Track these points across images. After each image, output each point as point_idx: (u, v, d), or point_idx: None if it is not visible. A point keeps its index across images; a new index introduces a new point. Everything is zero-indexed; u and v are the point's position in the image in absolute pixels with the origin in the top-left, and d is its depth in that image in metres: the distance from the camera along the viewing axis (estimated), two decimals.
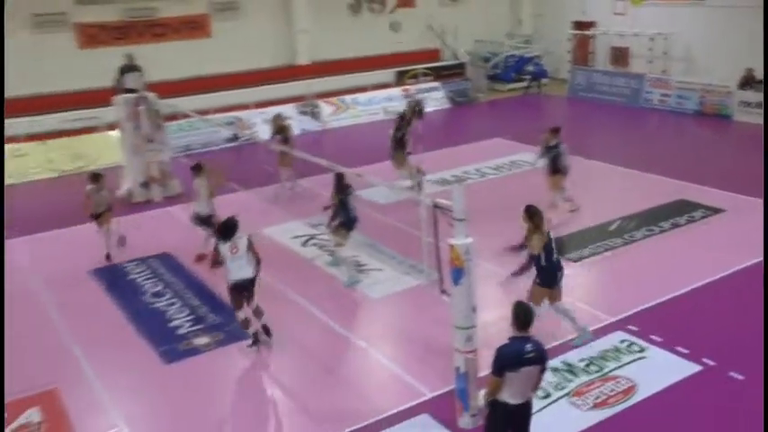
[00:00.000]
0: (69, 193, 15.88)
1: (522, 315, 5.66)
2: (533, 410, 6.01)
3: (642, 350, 8.18)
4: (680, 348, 8.13)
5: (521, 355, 5.52)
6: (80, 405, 7.71)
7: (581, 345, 8.33)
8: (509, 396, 5.64)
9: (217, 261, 8.66)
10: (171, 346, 8.88)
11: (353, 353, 8.65)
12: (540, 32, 27.12)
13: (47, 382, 8.11)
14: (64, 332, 9.36)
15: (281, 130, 14.47)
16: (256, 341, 8.63)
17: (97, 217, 11.59)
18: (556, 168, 12.39)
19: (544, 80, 25.27)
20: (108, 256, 11.70)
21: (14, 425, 7.43)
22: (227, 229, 8.47)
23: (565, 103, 23.48)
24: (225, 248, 8.34)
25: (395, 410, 7.28)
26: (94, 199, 11.55)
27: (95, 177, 11.81)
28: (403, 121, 13.99)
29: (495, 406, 5.73)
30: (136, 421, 7.40)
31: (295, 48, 23.46)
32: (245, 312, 8.49)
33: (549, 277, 8.21)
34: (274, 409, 7.69)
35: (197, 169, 11.48)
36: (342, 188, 10.35)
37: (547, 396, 7.37)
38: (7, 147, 17.47)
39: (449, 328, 6.81)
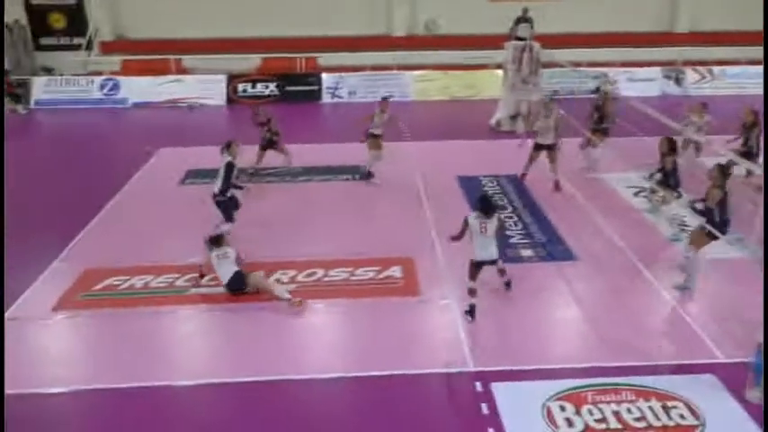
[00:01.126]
0: (453, 115, 16.99)
1: None
2: None
3: None
4: None
5: None
6: (427, 274, 8.43)
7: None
8: None
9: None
10: (502, 250, 9.07)
11: (656, 300, 7.90)
12: None
13: (410, 251, 8.99)
14: (427, 216, 10.22)
15: (600, 107, 12.27)
16: (472, 312, 7.31)
17: (374, 137, 11.41)
18: None
19: None
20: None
21: (384, 274, 8.42)
22: (484, 206, 7.25)
23: None
24: (475, 223, 7.17)
25: (682, 361, 6.57)
26: (378, 121, 11.37)
27: (384, 101, 11.67)
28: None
29: None
30: (463, 299, 7.62)
31: (676, 15, 20.90)
32: (475, 284, 7.35)
33: (717, 229, 7.56)
34: (572, 326, 7.51)
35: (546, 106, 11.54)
36: (670, 152, 9.27)
37: None
38: (419, 72, 19.16)
39: (759, 304, 5.78)
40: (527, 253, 9.03)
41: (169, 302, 7.83)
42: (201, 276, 8.20)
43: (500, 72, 16.57)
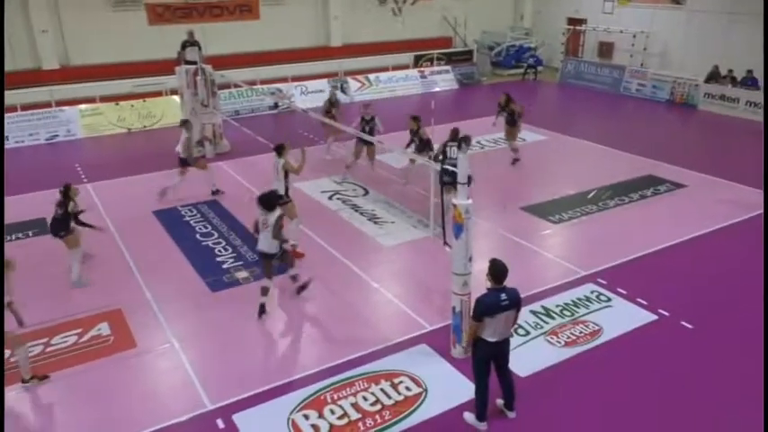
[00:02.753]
0: (135, 147, 15.91)
1: (497, 271, 5.64)
2: (514, 346, 5.99)
3: (609, 300, 8.10)
4: (640, 300, 8.04)
5: (497, 303, 5.57)
6: (140, 323, 7.74)
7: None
8: (488, 335, 5.65)
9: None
10: (216, 277, 8.89)
11: (367, 291, 8.61)
12: (539, 26, 26.45)
13: (114, 303, 8.14)
14: (129, 262, 9.38)
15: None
16: (262, 310, 7.81)
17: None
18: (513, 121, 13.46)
19: (540, 68, 24.67)
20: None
21: (88, 335, 7.47)
22: (263, 202, 7.61)
23: (556, 89, 22.95)
24: (259, 219, 7.62)
25: (399, 339, 7.28)
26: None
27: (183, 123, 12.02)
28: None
29: (477, 344, 5.75)
30: (185, 339, 7.43)
31: (329, 31, 23.05)
32: (270, 282, 7.86)
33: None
34: (299, 334, 7.71)
35: (279, 149, 9.26)
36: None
37: (527, 334, 7.34)
38: (85, 106, 17.39)
39: (448, 274, 6.74)
40: (242, 275, 8.95)
41: None
42: None
43: (177, 98, 16.04)
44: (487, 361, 5.81)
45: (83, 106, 17.35)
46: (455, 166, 9.87)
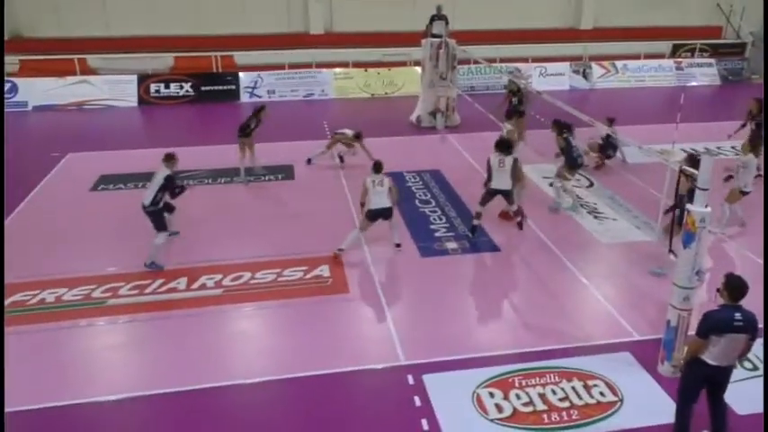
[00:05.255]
0: (376, 111, 17.09)
1: (735, 285, 5.00)
2: (736, 378, 5.33)
3: None
4: None
5: (729, 322, 4.94)
6: (355, 273, 8.46)
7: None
8: (710, 357, 5.06)
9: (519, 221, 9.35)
10: (428, 243, 9.29)
11: (575, 285, 8.28)
12: None
13: (335, 250, 8.98)
14: (354, 217, 10.12)
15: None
16: (474, 230, 9.44)
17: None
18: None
19: None
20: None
21: (311, 274, 8.34)
22: (500, 146, 9.06)
23: None
24: (495, 161, 9.00)
25: (601, 342, 6.93)
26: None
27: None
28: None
29: (694, 364, 5.18)
30: (391, 295, 7.92)
31: (581, 12, 21.99)
32: (482, 209, 9.31)
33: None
34: (498, 313, 7.74)
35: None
36: (561, 130, 10.26)
37: (754, 369, 6.46)
38: (339, 70, 19.12)
39: (666, 284, 6.20)
40: (452, 246, 9.23)
41: (86, 315, 7.45)
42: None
43: (418, 69, 16.83)
44: (699, 385, 5.27)
45: (336, 70, 19.12)
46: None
